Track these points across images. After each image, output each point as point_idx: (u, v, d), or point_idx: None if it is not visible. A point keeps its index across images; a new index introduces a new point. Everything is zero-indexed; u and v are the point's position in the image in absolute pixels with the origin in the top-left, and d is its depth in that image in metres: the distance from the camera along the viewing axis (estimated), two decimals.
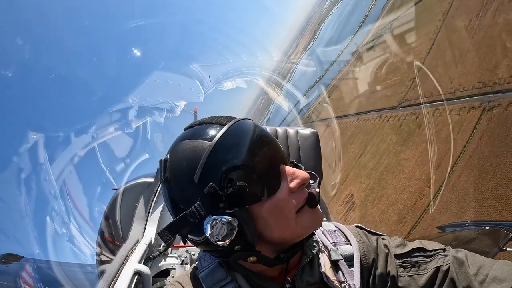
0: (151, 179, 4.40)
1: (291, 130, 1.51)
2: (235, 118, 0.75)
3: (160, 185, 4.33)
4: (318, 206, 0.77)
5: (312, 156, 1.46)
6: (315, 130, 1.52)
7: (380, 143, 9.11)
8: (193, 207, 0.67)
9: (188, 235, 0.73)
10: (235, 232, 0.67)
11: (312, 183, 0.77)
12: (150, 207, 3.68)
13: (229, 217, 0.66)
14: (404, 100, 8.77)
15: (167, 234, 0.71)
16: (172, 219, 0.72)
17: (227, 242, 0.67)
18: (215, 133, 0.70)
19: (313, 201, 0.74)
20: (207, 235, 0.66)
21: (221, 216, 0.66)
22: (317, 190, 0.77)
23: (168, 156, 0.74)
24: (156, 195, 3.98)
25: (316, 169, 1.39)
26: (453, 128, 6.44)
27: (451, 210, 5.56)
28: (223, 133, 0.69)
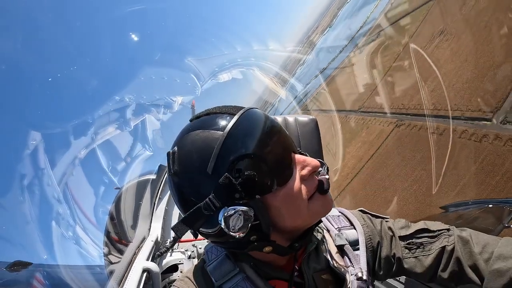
0: (153, 176, 4.41)
1: (290, 118, 1.50)
2: (243, 107, 0.73)
3: (163, 181, 4.34)
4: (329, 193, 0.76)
5: (312, 143, 1.45)
6: (313, 117, 1.50)
7: (338, 137, 11.35)
8: (207, 199, 0.65)
9: (200, 228, 0.71)
10: (251, 222, 0.65)
11: (321, 171, 0.77)
12: (154, 203, 3.69)
13: (245, 207, 0.64)
14: (363, 106, 11.16)
15: (182, 228, 0.70)
16: (179, 213, 0.71)
17: (242, 233, 0.66)
18: (226, 123, 0.67)
19: (324, 188, 0.74)
20: (223, 226, 0.64)
21: (237, 206, 0.64)
22: (327, 177, 0.76)
23: (176, 148, 0.71)
24: (159, 191, 3.99)
25: (317, 155, 1.39)
26: (377, 135, 9.11)
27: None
28: (235, 122, 0.67)
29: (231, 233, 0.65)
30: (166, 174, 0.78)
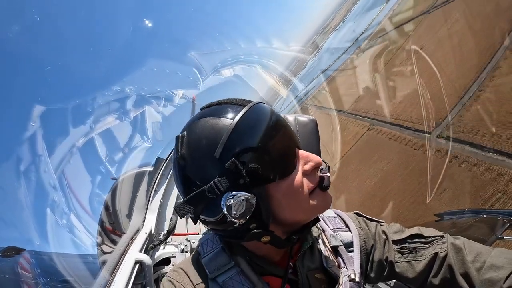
0: (150, 168, 4.40)
1: (290, 118, 1.49)
2: (252, 101, 0.75)
3: (160, 174, 4.32)
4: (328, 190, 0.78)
5: (311, 144, 1.44)
6: (313, 118, 1.50)
7: (326, 135, 12.53)
8: (212, 182, 0.66)
9: (201, 215, 0.73)
10: (252, 209, 0.67)
11: (322, 168, 0.78)
12: (150, 196, 3.69)
13: (248, 194, 0.66)
14: (350, 108, 12.98)
15: (184, 209, 0.71)
16: (176, 202, 0.71)
17: (243, 220, 0.67)
18: (236, 113, 0.69)
19: (324, 184, 0.76)
20: (225, 211, 0.66)
21: (241, 192, 0.65)
22: (328, 174, 0.78)
23: (185, 132, 0.73)
24: (156, 184, 3.99)
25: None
26: (353, 135, 10.90)
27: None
28: (245, 112, 0.69)
29: (232, 219, 0.66)
30: (172, 157, 0.79)
